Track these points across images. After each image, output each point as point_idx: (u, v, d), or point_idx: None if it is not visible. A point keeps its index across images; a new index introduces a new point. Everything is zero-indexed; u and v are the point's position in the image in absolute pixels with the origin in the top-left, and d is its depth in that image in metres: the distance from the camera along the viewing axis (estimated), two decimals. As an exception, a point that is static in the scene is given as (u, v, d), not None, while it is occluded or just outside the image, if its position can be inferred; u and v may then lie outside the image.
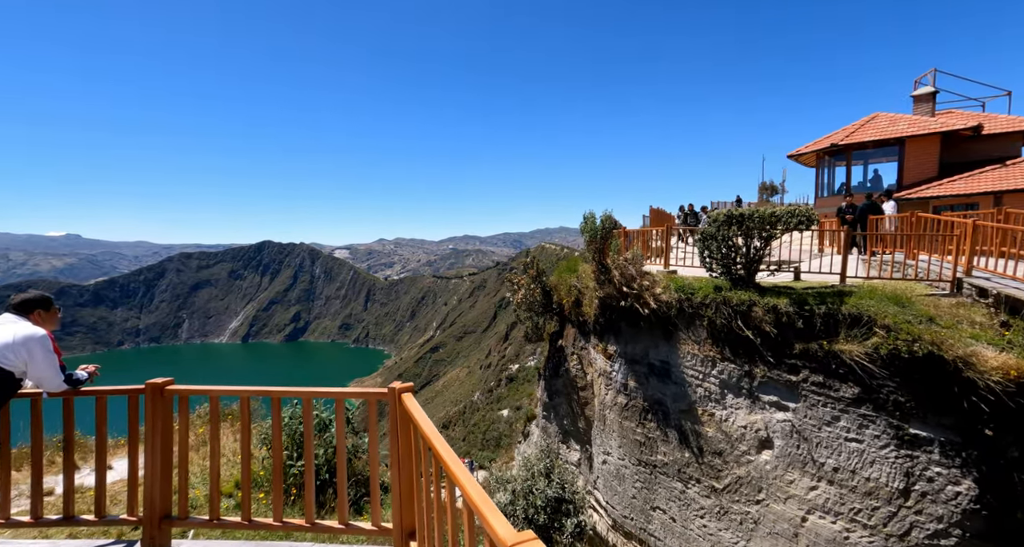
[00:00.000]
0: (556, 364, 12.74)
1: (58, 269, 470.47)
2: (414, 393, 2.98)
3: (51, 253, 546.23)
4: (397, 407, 2.89)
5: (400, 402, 2.88)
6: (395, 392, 2.98)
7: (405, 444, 2.83)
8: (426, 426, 2.51)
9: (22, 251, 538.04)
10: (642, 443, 9.68)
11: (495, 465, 28.41)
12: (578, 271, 12.76)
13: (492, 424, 75.57)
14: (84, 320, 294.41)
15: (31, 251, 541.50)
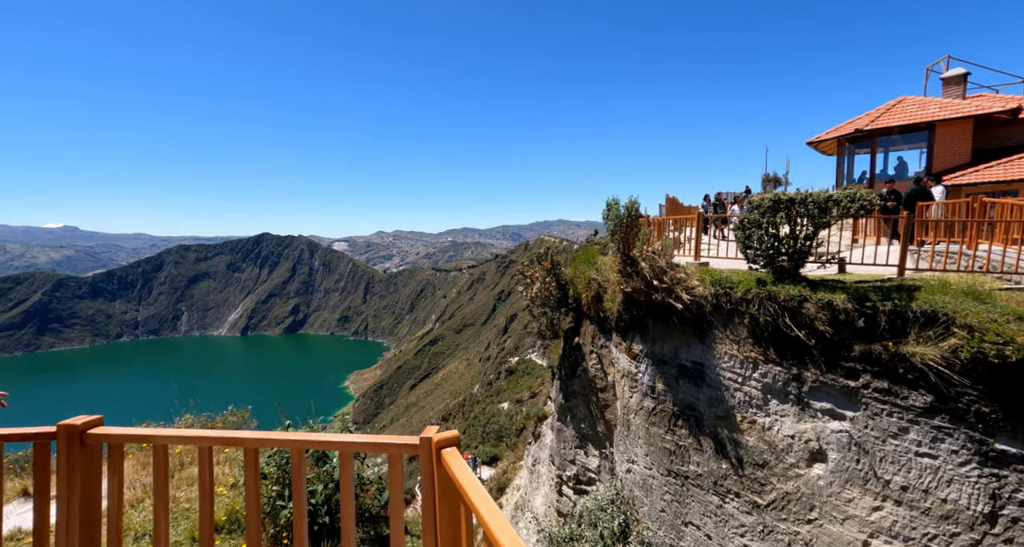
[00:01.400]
0: (573, 363, 11.89)
1: (56, 261, 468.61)
2: (458, 446, 2.00)
3: (48, 245, 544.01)
4: (435, 465, 1.96)
5: (439, 460, 1.97)
6: (431, 445, 2.03)
7: (448, 513, 1.88)
8: (477, 497, 1.63)
9: (19, 243, 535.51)
10: (672, 452, 8.86)
11: (502, 464, 27.72)
12: (597, 263, 11.87)
13: (492, 417, 75.07)
14: (83, 313, 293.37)
15: (28, 243, 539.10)
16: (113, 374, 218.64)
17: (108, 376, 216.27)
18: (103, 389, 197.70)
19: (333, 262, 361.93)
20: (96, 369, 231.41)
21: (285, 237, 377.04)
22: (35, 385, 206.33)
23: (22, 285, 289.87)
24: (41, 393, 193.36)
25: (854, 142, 20.29)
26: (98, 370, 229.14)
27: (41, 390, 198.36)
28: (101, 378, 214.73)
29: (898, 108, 19.00)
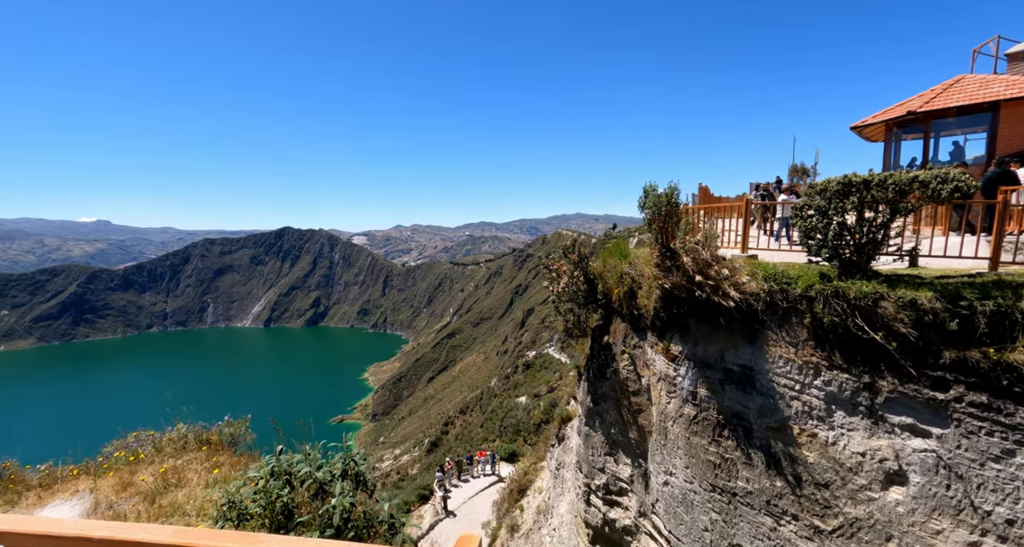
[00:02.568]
0: (602, 364, 11.07)
1: (89, 254, 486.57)
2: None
3: (83, 239, 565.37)
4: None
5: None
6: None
7: None
8: None
9: (56, 237, 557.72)
10: (717, 465, 8.00)
11: (522, 463, 27.15)
12: (630, 256, 10.98)
13: (509, 411, 74.85)
14: (115, 304, 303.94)
15: (64, 237, 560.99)
16: (142, 365, 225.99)
17: (137, 367, 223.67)
18: (132, 379, 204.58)
19: (353, 256, 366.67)
20: (127, 359, 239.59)
21: (306, 231, 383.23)
22: (71, 375, 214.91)
23: (59, 277, 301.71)
24: (75, 383, 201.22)
25: (903, 126, 18.78)
26: (129, 360, 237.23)
27: (75, 380, 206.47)
28: (131, 368, 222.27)
29: (956, 87, 17.42)
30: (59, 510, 4.48)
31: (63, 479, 5.44)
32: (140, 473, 4.77)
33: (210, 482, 4.40)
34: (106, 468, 5.12)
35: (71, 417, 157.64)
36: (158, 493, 4.21)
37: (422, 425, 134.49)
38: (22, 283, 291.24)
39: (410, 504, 27.18)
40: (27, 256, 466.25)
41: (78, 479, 5.27)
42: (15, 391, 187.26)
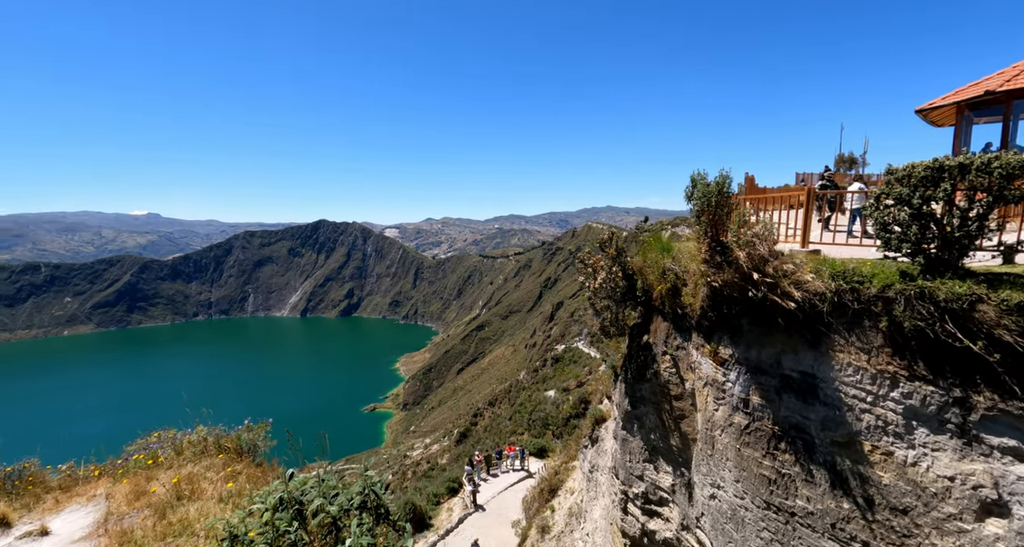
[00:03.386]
0: (641, 365, 10.42)
1: (142, 246, 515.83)
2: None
3: (135, 231, 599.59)
4: None
5: None
6: None
7: None
8: None
9: (112, 229, 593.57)
10: (772, 480, 7.29)
11: (552, 461, 26.73)
12: (673, 250, 10.24)
13: (538, 405, 74.63)
14: (164, 293, 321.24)
15: (119, 229, 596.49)
16: (189, 353, 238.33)
17: (185, 354, 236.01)
18: (181, 366, 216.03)
19: (385, 248, 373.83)
20: (176, 346, 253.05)
21: (340, 224, 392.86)
22: (125, 359, 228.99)
23: (115, 267, 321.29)
24: (128, 368, 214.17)
25: (977, 108, 17.00)
26: (177, 347, 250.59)
27: (129, 365, 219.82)
28: (179, 355, 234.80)
29: (1044, 63, 15.60)
30: (73, 517, 4.34)
31: (84, 481, 5.38)
32: (155, 480, 4.58)
33: (224, 496, 4.14)
34: (121, 474, 4.98)
35: (123, 400, 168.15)
36: (169, 506, 3.98)
37: (451, 416, 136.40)
38: (83, 272, 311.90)
39: (439, 496, 27.27)
40: (87, 247, 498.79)
41: (99, 481, 5.18)
42: (78, 375, 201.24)
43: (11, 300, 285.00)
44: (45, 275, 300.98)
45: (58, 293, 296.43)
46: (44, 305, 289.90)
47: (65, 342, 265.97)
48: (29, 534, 4.09)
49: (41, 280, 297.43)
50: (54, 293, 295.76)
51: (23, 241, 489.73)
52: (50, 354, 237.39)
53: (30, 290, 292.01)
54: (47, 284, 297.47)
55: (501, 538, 20.71)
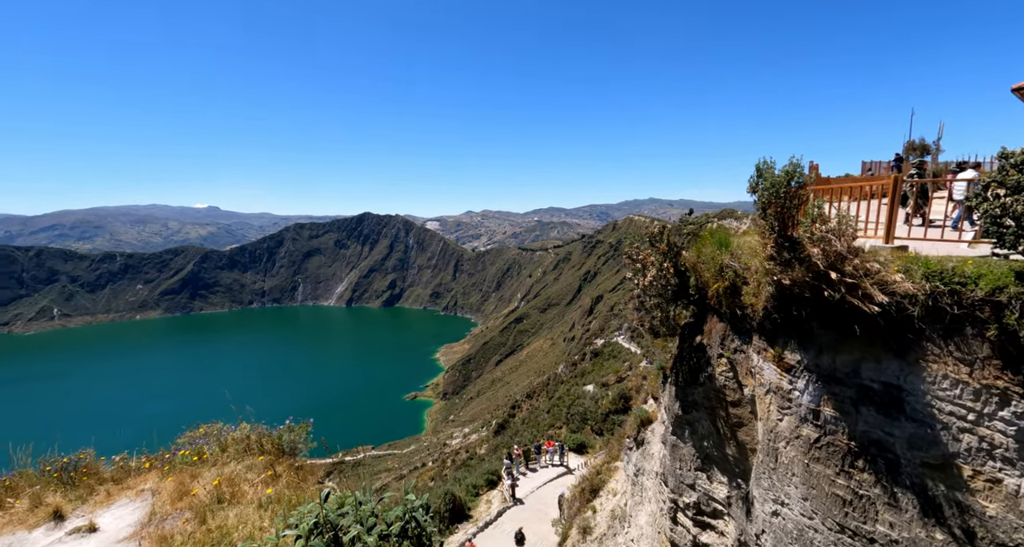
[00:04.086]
0: (694, 368, 9.79)
1: (203, 237, 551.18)
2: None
3: (197, 223, 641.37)
4: None
5: None
6: None
7: None
8: None
9: (177, 221, 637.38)
10: (848, 501, 6.58)
11: (593, 459, 26.25)
12: (731, 246, 9.50)
13: (577, 399, 73.98)
14: (223, 281, 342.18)
15: (183, 221, 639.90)
16: (246, 339, 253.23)
17: (242, 340, 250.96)
18: (237, 351, 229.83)
19: (426, 240, 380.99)
20: (233, 333, 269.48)
21: (384, 216, 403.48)
22: (189, 343, 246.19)
23: (179, 257, 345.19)
24: (191, 352, 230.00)
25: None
26: (235, 334, 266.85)
27: (193, 349, 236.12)
28: (237, 341, 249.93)
29: None
30: (121, 512, 4.43)
31: (136, 473, 5.53)
32: (199, 478, 4.61)
33: (263, 501, 4.05)
34: (167, 471, 5.05)
35: (185, 384, 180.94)
36: (209, 509, 3.95)
37: (489, 406, 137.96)
38: (152, 262, 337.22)
39: (478, 487, 27.45)
40: (155, 238, 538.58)
41: (148, 474, 5.31)
42: (148, 358, 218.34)
43: (92, 286, 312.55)
44: (120, 264, 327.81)
45: (131, 280, 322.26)
46: (120, 291, 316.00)
47: (137, 326, 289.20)
48: (78, 529, 4.17)
49: (117, 268, 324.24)
50: (128, 280, 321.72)
51: (102, 232, 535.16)
52: (125, 337, 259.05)
53: (108, 277, 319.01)
54: (122, 272, 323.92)
55: (540, 533, 20.56)
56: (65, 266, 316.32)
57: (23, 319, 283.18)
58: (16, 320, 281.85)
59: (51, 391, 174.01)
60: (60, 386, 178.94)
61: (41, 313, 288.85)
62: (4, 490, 4.86)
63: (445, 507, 23.77)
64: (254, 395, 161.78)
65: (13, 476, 5.16)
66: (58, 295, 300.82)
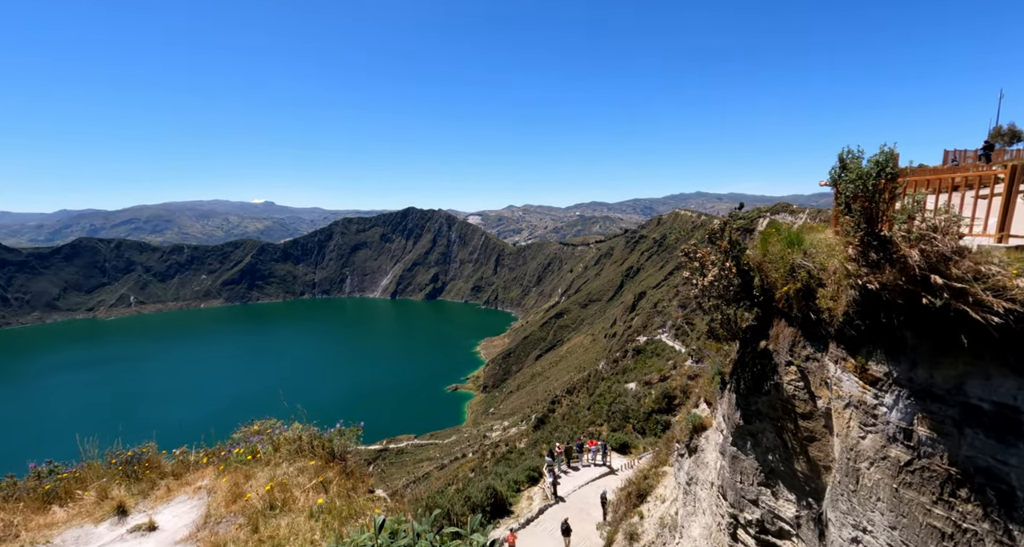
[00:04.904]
0: (758, 375, 9.08)
1: (260, 230, 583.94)
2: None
3: (255, 217, 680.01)
4: None
5: None
6: None
7: None
8: None
9: (237, 215, 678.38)
10: (948, 535, 5.81)
11: (639, 461, 25.52)
12: (803, 243, 8.69)
13: (618, 396, 72.65)
14: (277, 273, 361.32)
15: (242, 215, 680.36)
16: (298, 328, 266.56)
17: (294, 329, 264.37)
18: (291, 339, 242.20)
19: (468, 235, 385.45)
20: (287, 322, 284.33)
21: (427, 211, 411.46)
22: (247, 331, 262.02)
23: (238, 249, 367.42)
24: (249, 340, 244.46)
25: None
26: (288, 323, 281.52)
27: (250, 336, 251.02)
28: (290, 329, 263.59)
29: None
30: (179, 510, 4.50)
31: (194, 467, 5.67)
32: (252, 479, 4.62)
33: (314, 511, 3.96)
34: (222, 470, 5.10)
35: (244, 370, 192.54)
36: (262, 515, 3.91)
37: (529, 401, 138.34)
38: (214, 254, 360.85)
39: (520, 483, 27.38)
40: (217, 231, 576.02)
41: (206, 469, 5.42)
42: (211, 344, 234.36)
43: (163, 276, 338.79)
44: (187, 255, 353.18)
45: (196, 271, 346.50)
46: (186, 281, 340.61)
47: (201, 314, 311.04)
48: (139, 527, 4.26)
49: (184, 259, 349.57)
50: (193, 271, 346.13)
51: (171, 226, 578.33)
52: (191, 324, 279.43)
53: (176, 268, 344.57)
54: (188, 263, 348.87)
55: (583, 533, 20.23)
56: (140, 257, 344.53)
57: (105, 305, 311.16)
58: (100, 306, 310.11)
59: (129, 372, 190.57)
60: (137, 367, 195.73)
61: (120, 300, 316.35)
62: (74, 481, 5.13)
63: (487, 501, 23.84)
64: (304, 382, 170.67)
65: (83, 467, 5.43)
66: (134, 284, 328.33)
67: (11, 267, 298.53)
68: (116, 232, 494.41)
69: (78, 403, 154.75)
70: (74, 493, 4.93)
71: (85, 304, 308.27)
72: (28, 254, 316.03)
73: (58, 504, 4.76)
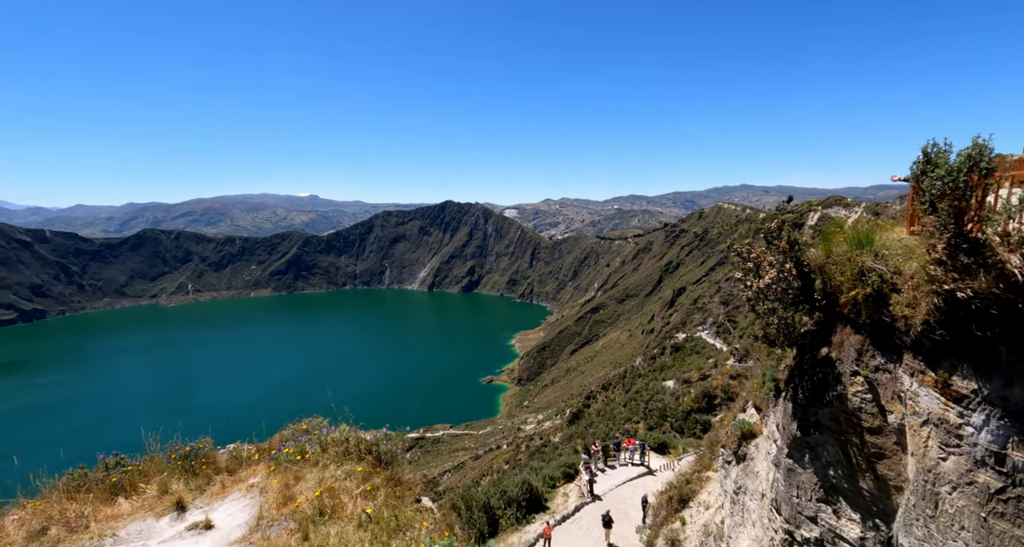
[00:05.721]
0: (818, 384, 8.48)
1: (305, 223, 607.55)
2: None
3: (300, 210, 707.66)
4: None
5: None
6: None
7: None
8: None
9: (284, 208, 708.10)
10: (1045, 575, 5.20)
11: (675, 463, 24.84)
12: (875, 244, 8.00)
13: (655, 394, 71.10)
14: (321, 264, 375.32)
15: (289, 208, 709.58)
16: (340, 318, 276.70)
17: (337, 319, 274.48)
18: (333, 330, 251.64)
19: (504, 228, 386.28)
20: (330, 312, 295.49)
21: (464, 204, 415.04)
22: (294, 319, 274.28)
23: (285, 241, 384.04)
24: (296, 328, 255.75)
25: None
26: (331, 312, 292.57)
27: (297, 323, 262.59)
28: (333, 318, 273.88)
29: None
30: (233, 509, 4.62)
31: (247, 463, 5.84)
32: (302, 481, 4.69)
33: (363, 521, 3.94)
34: (273, 470, 5.21)
35: (290, 355, 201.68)
36: (311, 522, 3.94)
37: (563, 395, 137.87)
38: (263, 245, 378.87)
39: (555, 479, 27.28)
40: (266, 223, 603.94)
41: (257, 466, 5.58)
42: (262, 332, 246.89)
43: (217, 266, 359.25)
44: (238, 247, 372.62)
45: (247, 261, 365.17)
46: (238, 271, 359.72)
47: (251, 303, 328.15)
48: (196, 525, 4.39)
49: (236, 250, 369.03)
50: (244, 261, 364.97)
51: (224, 218, 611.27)
52: (242, 312, 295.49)
53: (229, 258, 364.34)
54: (239, 254, 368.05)
55: (619, 533, 19.94)
56: (197, 247, 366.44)
57: (166, 292, 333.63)
58: (162, 293, 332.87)
59: (187, 356, 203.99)
60: (194, 352, 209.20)
61: (179, 288, 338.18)
62: (138, 474, 5.40)
63: (522, 496, 23.88)
64: (345, 370, 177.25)
65: (145, 460, 5.71)
66: (192, 273, 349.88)
67: (86, 256, 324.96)
68: (175, 224, 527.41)
69: (143, 384, 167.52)
70: (137, 486, 5.20)
71: (149, 291, 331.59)
72: (100, 244, 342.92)
73: (123, 496, 5.02)
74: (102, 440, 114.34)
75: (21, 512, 4.37)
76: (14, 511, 4.46)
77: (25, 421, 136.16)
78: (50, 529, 4.12)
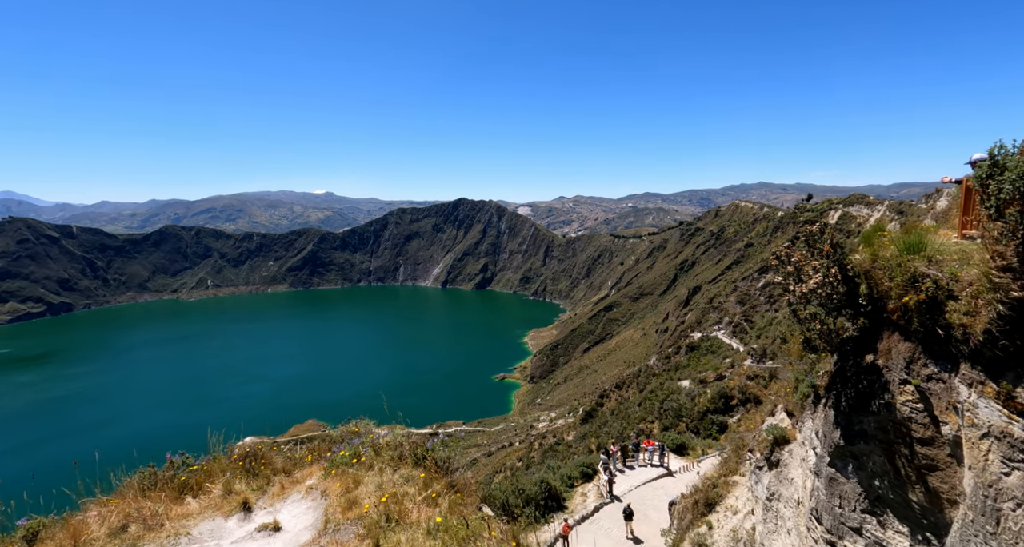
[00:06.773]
0: (863, 393, 8.26)
1: (321, 220, 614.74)
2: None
3: (316, 207, 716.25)
4: None
5: None
6: None
7: None
8: None
9: (300, 205, 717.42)
10: (1121, 599, 4.98)
11: (696, 465, 24.56)
12: (927, 248, 7.75)
13: (671, 394, 70.39)
14: (336, 261, 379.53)
15: (305, 205, 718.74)
16: (356, 314, 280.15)
17: (353, 315, 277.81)
18: (349, 326, 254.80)
19: (517, 226, 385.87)
20: (346, 308, 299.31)
21: (478, 202, 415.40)
22: (309, 314, 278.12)
23: (301, 238, 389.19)
24: (312, 323, 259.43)
25: None
26: (347, 308, 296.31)
27: (312, 319, 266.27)
28: (348, 315, 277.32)
29: None
30: (295, 510, 4.68)
31: (300, 464, 5.92)
32: (361, 485, 4.72)
33: (431, 529, 3.93)
34: (332, 473, 5.25)
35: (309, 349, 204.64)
36: (380, 528, 3.94)
37: (576, 393, 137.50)
38: (280, 241, 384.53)
39: (573, 479, 27.23)
40: (283, 220, 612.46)
41: (311, 467, 5.65)
42: (280, 326, 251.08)
43: (235, 262, 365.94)
44: (256, 243, 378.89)
45: (264, 257, 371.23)
46: (256, 267, 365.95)
47: (269, 298, 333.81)
48: (265, 527, 4.44)
49: (254, 246, 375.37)
50: (262, 257, 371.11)
51: (242, 215, 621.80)
52: (260, 307, 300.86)
53: (247, 254, 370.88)
54: (257, 250, 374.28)
55: (640, 533, 19.87)
56: (216, 243, 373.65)
57: (187, 287, 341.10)
58: (183, 288, 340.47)
59: (207, 349, 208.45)
60: (215, 345, 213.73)
61: (200, 283, 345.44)
62: (203, 474, 5.51)
63: (540, 495, 23.89)
64: (360, 365, 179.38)
65: (209, 460, 5.82)
66: (211, 268, 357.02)
67: (110, 251, 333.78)
68: (196, 220, 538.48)
69: (167, 376, 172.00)
70: (203, 485, 5.30)
71: (170, 286, 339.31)
72: (124, 240, 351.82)
73: (191, 495, 5.13)
74: (135, 430, 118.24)
75: (101, 508, 4.49)
76: (94, 507, 4.60)
77: (62, 410, 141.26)
78: (129, 527, 4.22)
